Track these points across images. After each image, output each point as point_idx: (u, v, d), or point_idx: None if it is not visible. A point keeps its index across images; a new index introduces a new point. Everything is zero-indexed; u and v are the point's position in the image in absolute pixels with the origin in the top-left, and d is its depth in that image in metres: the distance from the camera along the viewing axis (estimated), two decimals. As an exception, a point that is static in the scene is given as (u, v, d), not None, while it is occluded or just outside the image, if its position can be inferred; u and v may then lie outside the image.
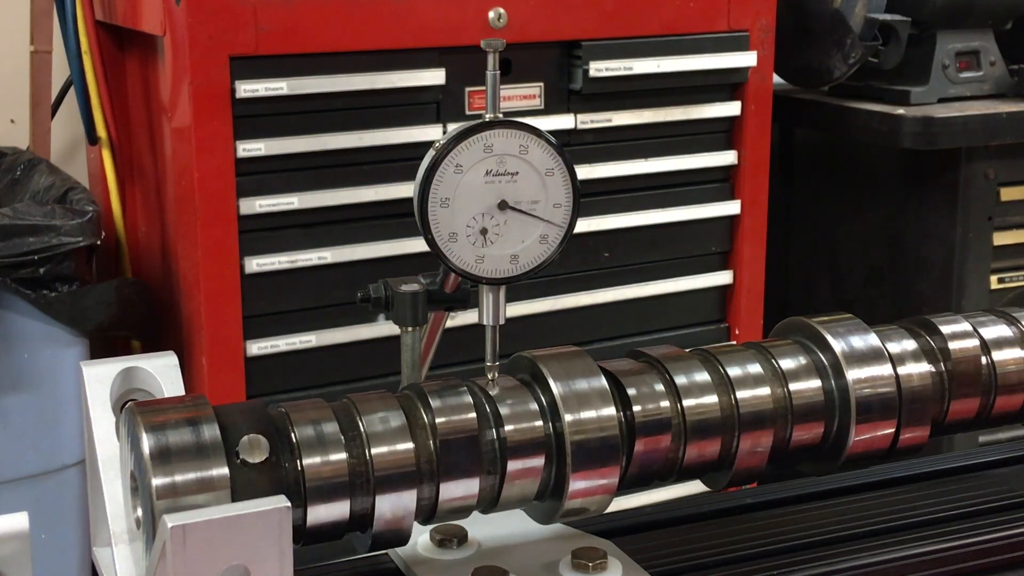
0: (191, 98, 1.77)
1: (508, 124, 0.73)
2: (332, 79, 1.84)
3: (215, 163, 1.79)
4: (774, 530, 0.89)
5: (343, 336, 1.93)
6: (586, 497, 0.75)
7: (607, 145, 2.09)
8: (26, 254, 1.79)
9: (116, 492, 0.73)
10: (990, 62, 2.37)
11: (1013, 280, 2.34)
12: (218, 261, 1.83)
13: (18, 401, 1.88)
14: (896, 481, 0.98)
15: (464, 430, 0.72)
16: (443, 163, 0.72)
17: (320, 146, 1.86)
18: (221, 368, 1.86)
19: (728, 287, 2.27)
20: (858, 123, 2.33)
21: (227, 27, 1.76)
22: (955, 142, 2.23)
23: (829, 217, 2.58)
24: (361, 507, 0.70)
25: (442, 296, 1.00)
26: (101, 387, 0.75)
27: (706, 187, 2.21)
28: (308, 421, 0.70)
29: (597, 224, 2.08)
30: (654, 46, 2.07)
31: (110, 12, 2.09)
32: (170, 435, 0.65)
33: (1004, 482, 0.97)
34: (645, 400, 0.76)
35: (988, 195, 2.30)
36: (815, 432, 0.82)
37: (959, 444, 2.19)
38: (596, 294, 2.13)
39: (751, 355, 0.81)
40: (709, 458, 0.79)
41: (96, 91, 2.08)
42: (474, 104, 1.97)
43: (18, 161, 2.15)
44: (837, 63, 2.33)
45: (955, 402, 0.86)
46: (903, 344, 0.85)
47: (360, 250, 1.92)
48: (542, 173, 0.74)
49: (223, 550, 0.61)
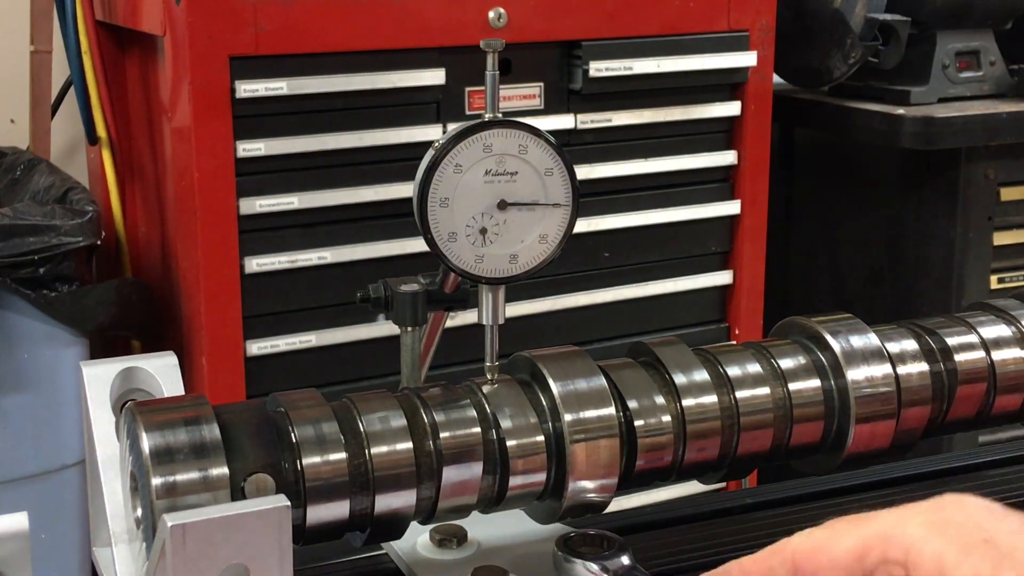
0: (191, 98, 1.77)
1: (507, 124, 0.73)
2: (332, 79, 1.84)
3: (215, 163, 1.79)
4: (774, 530, 0.89)
5: (343, 336, 1.93)
6: (586, 497, 0.75)
7: (607, 145, 2.09)
8: (26, 254, 1.79)
9: (116, 492, 0.73)
10: (990, 62, 2.37)
11: (1013, 280, 2.34)
12: (218, 261, 1.83)
13: (18, 401, 1.88)
14: (896, 481, 0.98)
15: (464, 430, 0.72)
16: (443, 163, 0.72)
17: (320, 146, 1.86)
18: (221, 368, 1.86)
19: (728, 287, 2.27)
20: (858, 123, 2.33)
21: (227, 27, 1.76)
22: (955, 142, 2.23)
23: (829, 217, 2.58)
24: (361, 507, 0.70)
25: (442, 296, 1.00)
26: (101, 387, 0.75)
27: (706, 187, 2.21)
28: (308, 421, 0.70)
29: (597, 224, 2.08)
30: (654, 46, 2.07)
31: (110, 12, 2.09)
32: (170, 435, 0.65)
33: (1004, 482, 0.97)
34: (645, 400, 0.76)
35: (988, 195, 2.30)
36: (815, 432, 0.82)
37: (959, 444, 2.19)
38: (596, 294, 2.13)
39: (751, 355, 0.81)
40: (708, 458, 0.79)
41: (96, 91, 2.08)
42: (474, 104, 1.97)
43: (18, 161, 2.16)
44: (837, 63, 2.33)
45: (955, 402, 0.86)
46: (903, 344, 0.85)
47: (360, 250, 1.92)
48: (541, 173, 0.74)
49: (223, 549, 0.61)
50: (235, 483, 0.65)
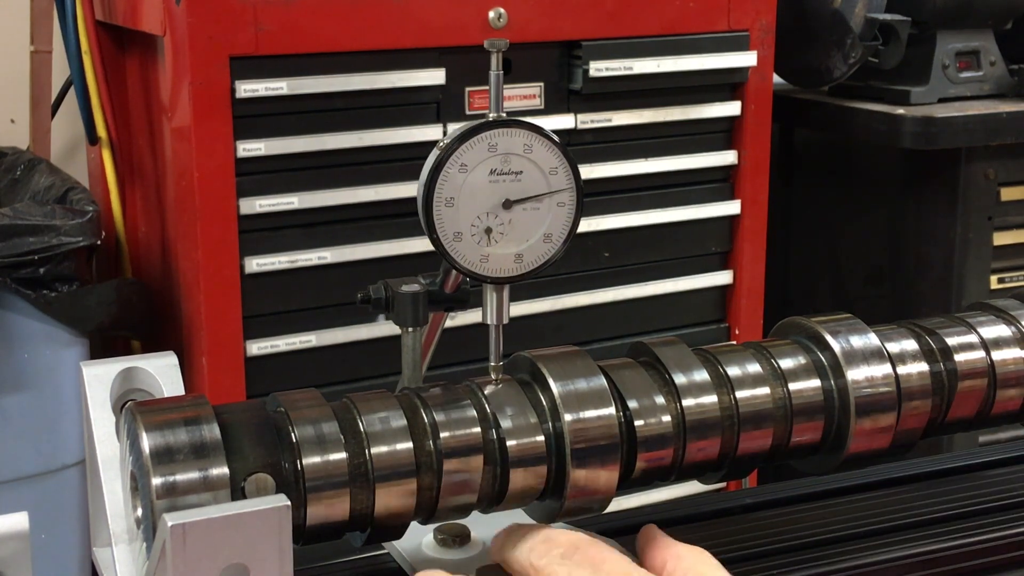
0: (191, 98, 1.77)
1: (512, 123, 0.73)
2: (332, 79, 1.84)
3: (215, 163, 1.79)
4: (774, 530, 0.89)
5: (343, 336, 1.93)
6: (586, 497, 0.75)
7: (607, 145, 2.09)
8: (26, 254, 1.79)
9: (116, 492, 0.73)
10: (990, 62, 2.38)
11: (1013, 280, 2.35)
12: (218, 261, 1.83)
13: (18, 401, 1.88)
14: (896, 481, 0.98)
15: (464, 429, 0.72)
16: (448, 162, 0.72)
17: (320, 146, 1.86)
18: (221, 368, 1.86)
19: (728, 287, 2.27)
20: (858, 123, 2.33)
21: (227, 27, 1.76)
22: (955, 142, 2.23)
23: (829, 217, 2.58)
24: (361, 506, 0.70)
25: (442, 296, 1.00)
26: (101, 387, 0.75)
27: (706, 187, 2.21)
28: (308, 421, 0.70)
29: (597, 224, 2.08)
30: (654, 46, 2.07)
31: (110, 12, 2.09)
32: (170, 435, 0.65)
33: (1004, 482, 0.97)
34: (645, 400, 0.76)
35: (988, 195, 2.30)
36: (814, 432, 0.82)
37: (959, 444, 2.19)
38: (596, 294, 2.13)
39: (751, 355, 0.81)
40: (708, 458, 0.79)
41: (96, 91, 2.08)
42: (474, 104, 1.97)
43: (18, 161, 2.16)
44: (837, 63, 2.33)
45: (955, 402, 0.86)
46: (903, 344, 0.85)
47: (360, 250, 1.92)
48: (546, 172, 0.74)
49: (223, 549, 0.61)
50: (235, 483, 0.65)
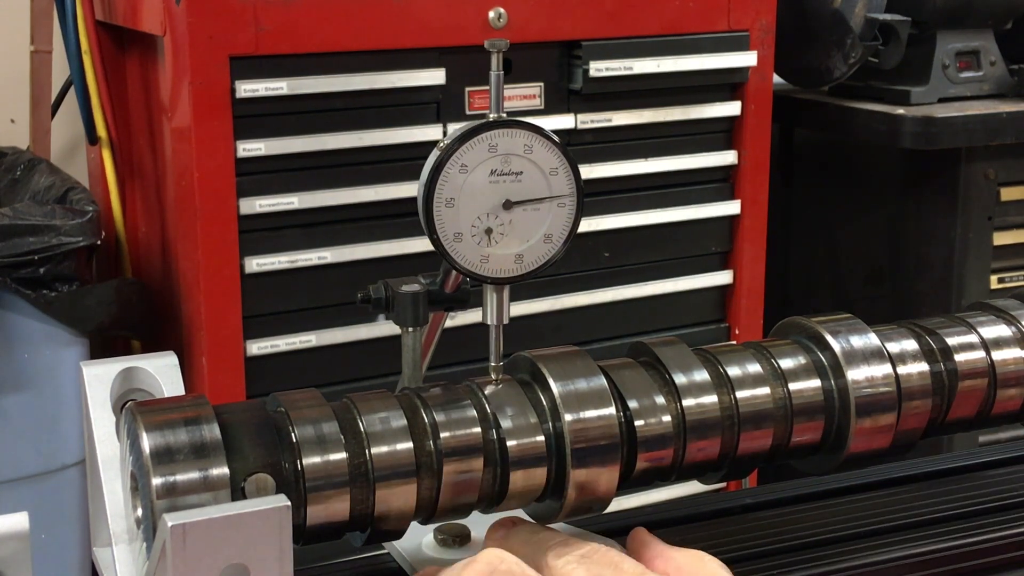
0: (191, 98, 1.77)
1: (513, 124, 0.73)
2: (332, 79, 1.84)
3: (215, 163, 1.80)
4: (774, 530, 0.89)
5: (343, 336, 1.93)
6: (586, 497, 0.75)
7: (607, 145, 2.09)
8: (26, 254, 1.79)
9: (116, 492, 0.73)
10: (990, 62, 2.38)
11: (1013, 280, 2.35)
12: (218, 261, 1.83)
13: (18, 401, 1.88)
14: (896, 481, 0.98)
15: (464, 429, 0.72)
16: (448, 163, 0.72)
17: (320, 146, 1.86)
18: (221, 368, 1.86)
19: (728, 287, 2.27)
20: (858, 123, 2.33)
21: (227, 27, 1.76)
22: (955, 142, 2.23)
23: (829, 217, 2.58)
24: (361, 506, 0.70)
25: (442, 296, 1.00)
26: (101, 387, 0.75)
27: (706, 187, 2.21)
28: (308, 421, 0.70)
29: (597, 224, 2.08)
30: (654, 46, 2.07)
31: (110, 12, 2.09)
32: (170, 435, 0.65)
33: (1004, 482, 0.97)
34: (645, 400, 0.76)
35: (988, 195, 2.30)
36: (815, 432, 0.82)
37: (959, 444, 2.19)
38: (596, 294, 2.13)
39: (751, 355, 0.81)
40: (708, 458, 0.79)
41: (96, 91, 2.08)
42: (474, 104, 1.97)
43: (18, 161, 2.16)
44: (837, 63, 2.33)
45: (955, 402, 0.86)
46: (903, 344, 0.85)
47: (360, 250, 1.92)
48: (546, 172, 0.74)
49: (223, 549, 0.61)
50: (235, 483, 0.65)
